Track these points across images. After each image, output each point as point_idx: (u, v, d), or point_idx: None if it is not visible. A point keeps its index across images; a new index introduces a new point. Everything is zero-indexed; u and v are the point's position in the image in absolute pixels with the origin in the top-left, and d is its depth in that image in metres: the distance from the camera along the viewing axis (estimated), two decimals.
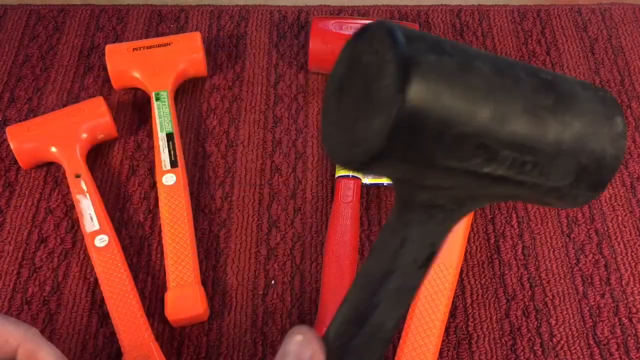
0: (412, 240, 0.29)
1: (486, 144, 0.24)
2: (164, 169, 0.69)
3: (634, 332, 0.62)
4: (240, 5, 0.87)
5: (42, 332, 0.62)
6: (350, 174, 0.68)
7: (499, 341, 0.61)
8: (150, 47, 0.76)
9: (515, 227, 0.68)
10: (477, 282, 0.65)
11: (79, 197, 0.67)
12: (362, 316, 0.30)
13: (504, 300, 0.64)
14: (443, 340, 0.61)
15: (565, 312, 0.63)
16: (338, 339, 0.31)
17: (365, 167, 0.24)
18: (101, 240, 0.65)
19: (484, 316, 0.63)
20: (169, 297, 0.62)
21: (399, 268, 0.29)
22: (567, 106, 0.26)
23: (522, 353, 0.61)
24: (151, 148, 0.74)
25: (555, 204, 0.28)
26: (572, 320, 0.62)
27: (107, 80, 0.78)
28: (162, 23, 0.85)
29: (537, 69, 0.27)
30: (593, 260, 0.66)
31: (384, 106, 0.23)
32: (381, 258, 0.30)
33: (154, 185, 0.71)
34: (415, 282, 0.30)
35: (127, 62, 0.76)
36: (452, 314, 0.63)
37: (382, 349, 0.31)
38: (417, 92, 0.22)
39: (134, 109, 0.77)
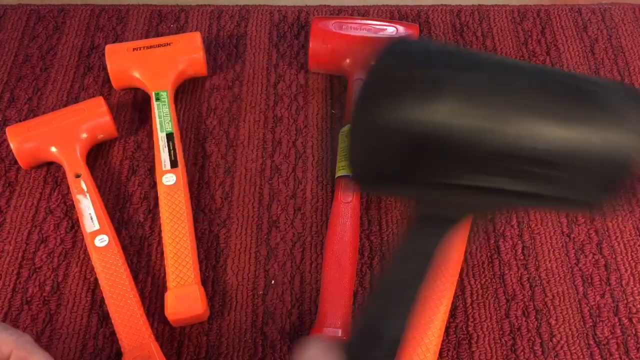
0: (417, 252, 0.29)
1: (477, 158, 0.23)
2: (164, 169, 0.69)
3: (634, 332, 0.62)
4: (240, 5, 0.87)
5: (42, 332, 0.62)
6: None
7: (499, 341, 0.61)
8: (150, 47, 0.76)
9: (515, 227, 0.68)
10: (477, 282, 0.65)
11: (79, 197, 0.67)
12: (385, 328, 0.29)
13: (504, 300, 0.64)
14: (443, 340, 0.61)
15: (565, 312, 0.63)
16: (358, 350, 0.30)
17: (362, 185, 0.24)
18: (101, 240, 0.64)
19: (484, 316, 0.63)
20: (169, 297, 0.62)
21: (425, 280, 0.29)
22: (570, 115, 0.24)
23: (522, 353, 0.61)
24: (151, 148, 0.74)
25: (570, 211, 0.28)
26: (572, 320, 0.62)
27: (107, 80, 0.78)
28: (162, 23, 0.85)
29: (538, 69, 0.25)
30: (593, 260, 0.66)
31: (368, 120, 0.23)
32: (408, 270, 0.29)
33: (154, 185, 0.71)
34: (418, 288, 0.30)
35: (127, 62, 0.76)
36: (452, 314, 0.63)
37: (394, 356, 0.31)
38: (392, 109, 0.22)
39: (134, 109, 0.77)
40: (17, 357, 0.37)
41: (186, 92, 0.78)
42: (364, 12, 0.86)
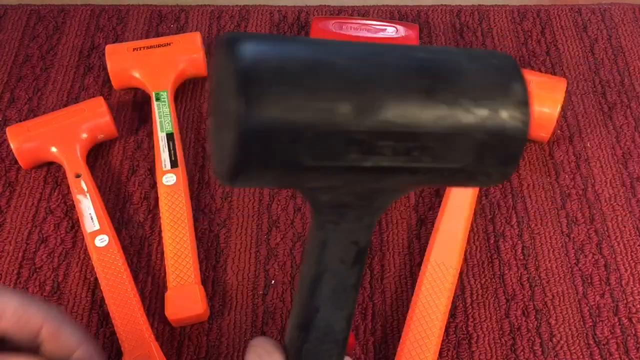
0: (333, 242, 0.28)
1: (356, 138, 0.23)
2: (164, 169, 0.69)
3: (633, 332, 0.62)
4: (240, 6, 0.87)
5: None
6: None
7: (499, 341, 0.62)
8: (150, 47, 0.77)
9: (515, 227, 0.68)
10: (477, 282, 0.65)
11: (79, 197, 0.67)
12: (307, 320, 0.30)
13: (504, 300, 0.64)
14: (443, 340, 0.61)
15: (565, 312, 0.63)
16: (292, 345, 0.30)
17: (234, 181, 0.24)
18: (101, 240, 0.65)
19: (483, 316, 0.63)
20: (169, 297, 0.62)
21: (328, 270, 0.29)
22: (448, 84, 0.24)
23: (522, 353, 0.61)
24: (151, 148, 0.74)
25: (472, 184, 0.27)
26: (572, 320, 0.62)
27: (107, 80, 0.78)
28: (162, 23, 0.85)
29: (412, 49, 0.25)
30: (593, 260, 0.66)
31: (232, 121, 0.22)
32: (310, 262, 0.29)
33: (154, 185, 0.71)
34: (351, 281, 0.29)
35: (127, 62, 0.76)
36: (452, 314, 0.63)
37: (338, 350, 0.30)
38: (260, 105, 0.22)
39: (134, 109, 0.77)
40: (48, 330, 0.35)
41: (186, 92, 0.78)
42: (364, 12, 0.86)
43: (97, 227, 0.65)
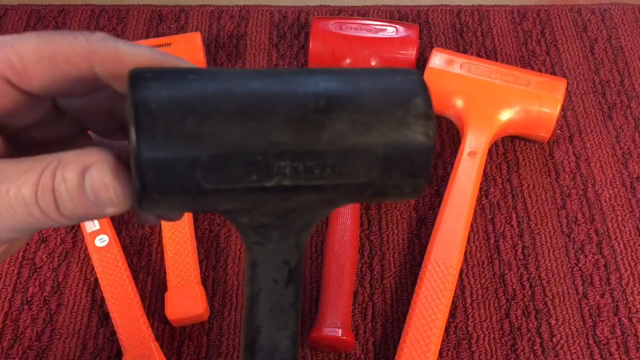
0: (263, 262, 0.28)
1: (252, 159, 0.24)
2: None
3: (634, 332, 0.62)
4: (240, 6, 0.87)
5: (42, 332, 0.62)
6: None
7: (499, 341, 0.62)
8: (151, 47, 0.76)
9: (515, 227, 0.68)
10: (477, 282, 0.65)
11: None
12: (251, 341, 0.30)
13: (504, 300, 0.64)
14: (443, 340, 0.61)
15: (565, 312, 0.63)
16: None
17: (140, 207, 0.24)
18: (101, 240, 0.65)
19: (484, 316, 0.63)
20: (169, 297, 0.62)
21: (263, 290, 0.29)
22: (345, 103, 0.25)
23: (522, 353, 0.61)
24: None
25: (386, 199, 0.27)
26: (572, 320, 0.62)
27: None
28: (162, 23, 0.85)
29: (313, 72, 0.26)
30: (593, 260, 0.66)
31: (131, 151, 0.23)
32: (246, 282, 0.29)
33: None
34: (289, 300, 0.29)
35: None
36: (452, 314, 0.63)
37: None
38: (151, 135, 0.23)
39: None
40: (102, 62, 0.26)
41: None
42: (364, 12, 0.86)
43: (97, 227, 0.65)
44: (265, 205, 0.26)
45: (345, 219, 0.65)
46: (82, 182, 0.24)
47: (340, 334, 0.59)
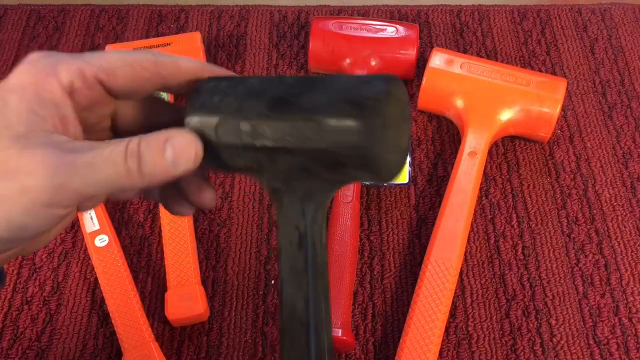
0: (281, 223, 0.35)
1: (246, 124, 0.33)
2: None
3: (634, 332, 0.62)
4: (240, 5, 0.87)
5: (42, 332, 0.62)
6: None
7: (499, 341, 0.61)
8: (151, 47, 0.76)
9: (515, 227, 0.68)
10: (477, 282, 0.65)
11: None
12: (280, 294, 0.35)
13: (504, 300, 0.64)
14: (443, 340, 0.61)
15: (565, 312, 0.63)
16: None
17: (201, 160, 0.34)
18: (101, 240, 0.65)
19: (484, 316, 0.63)
20: (169, 297, 0.62)
21: (283, 248, 0.35)
22: (305, 95, 0.33)
23: (522, 353, 0.61)
24: None
25: (348, 171, 0.32)
26: (572, 320, 0.62)
27: None
28: (162, 23, 0.85)
29: (295, 78, 0.35)
30: (593, 260, 0.66)
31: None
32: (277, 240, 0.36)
33: None
34: (301, 264, 0.34)
35: None
36: (452, 314, 0.63)
37: (305, 337, 0.34)
38: (192, 109, 0.35)
39: None
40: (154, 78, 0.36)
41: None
42: (364, 12, 0.86)
43: (97, 227, 0.65)
44: (264, 165, 0.34)
45: (345, 219, 0.65)
46: (163, 147, 0.32)
47: (340, 334, 0.59)
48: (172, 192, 0.39)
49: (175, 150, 0.32)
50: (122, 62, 0.34)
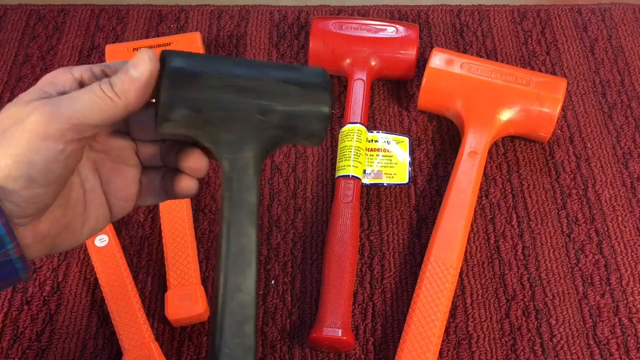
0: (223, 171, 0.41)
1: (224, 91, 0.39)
2: None
3: (634, 332, 0.62)
4: (240, 5, 0.87)
5: (42, 332, 0.62)
6: (350, 174, 0.68)
7: (499, 341, 0.61)
8: (151, 47, 0.76)
9: (515, 227, 0.68)
10: (477, 282, 0.65)
11: None
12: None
13: (504, 300, 0.64)
14: (443, 340, 0.61)
15: (565, 312, 0.63)
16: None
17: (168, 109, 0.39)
18: (101, 240, 0.65)
19: (484, 316, 0.63)
20: (169, 297, 0.62)
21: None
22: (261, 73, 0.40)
23: (522, 353, 0.61)
24: None
25: (298, 124, 0.40)
26: (572, 320, 0.62)
27: None
28: (162, 23, 0.85)
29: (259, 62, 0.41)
30: (593, 260, 0.66)
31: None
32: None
33: None
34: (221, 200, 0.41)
35: None
36: (452, 314, 0.63)
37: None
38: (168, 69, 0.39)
39: None
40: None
41: None
42: (364, 12, 0.86)
43: None
44: (229, 108, 0.39)
45: (345, 219, 0.65)
46: (127, 69, 0.38)
47: (340, 334, 0.59)
48: (170, 174, 0.44)
49: (135, 63, 0.38)
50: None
